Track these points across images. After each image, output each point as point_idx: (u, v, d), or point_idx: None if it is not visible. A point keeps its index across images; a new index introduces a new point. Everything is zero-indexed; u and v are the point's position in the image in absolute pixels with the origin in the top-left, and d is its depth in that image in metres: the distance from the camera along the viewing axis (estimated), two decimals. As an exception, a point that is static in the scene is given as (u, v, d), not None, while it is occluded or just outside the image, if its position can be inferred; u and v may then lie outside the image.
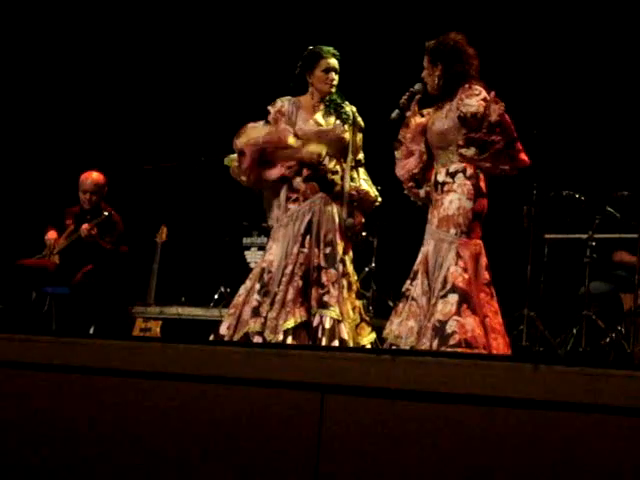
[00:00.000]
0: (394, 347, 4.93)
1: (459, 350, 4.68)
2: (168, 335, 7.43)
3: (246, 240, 8.08)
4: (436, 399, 3.13)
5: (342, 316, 5.30)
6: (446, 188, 5.00)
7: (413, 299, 4.97)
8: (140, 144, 8.90)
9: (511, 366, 3.11)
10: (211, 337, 5.45)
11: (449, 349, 4.69)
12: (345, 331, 5.26)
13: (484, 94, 4.91)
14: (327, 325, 5.25)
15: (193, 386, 3.53)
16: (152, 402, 3.58)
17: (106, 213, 7.21)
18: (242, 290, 5.46)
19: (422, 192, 5.16)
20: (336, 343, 5.20)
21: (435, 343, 4.76)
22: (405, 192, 5.25)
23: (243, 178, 5.55)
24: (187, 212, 8.63)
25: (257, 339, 5.27)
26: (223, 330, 5.39)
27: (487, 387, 3.08)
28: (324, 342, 5.19)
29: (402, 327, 4.94)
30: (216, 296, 7.94)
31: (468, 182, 4.95)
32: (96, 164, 7.69)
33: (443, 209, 4.97)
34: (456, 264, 4.88)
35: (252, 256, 7.84)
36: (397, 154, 5.18)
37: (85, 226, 7.18)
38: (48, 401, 3.72)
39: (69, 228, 7.40)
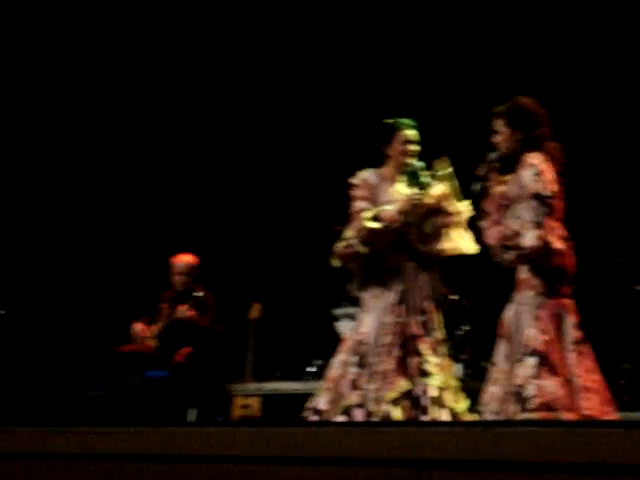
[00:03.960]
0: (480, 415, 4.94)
1: (540, 414, 4.67)
2: (268, 411, 7.51)
3: (337, 311, 8.08)
4: (530, 469, 3.16)
5: (446, 384, 5.33)
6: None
7: (495, 364, 5.00)
8: (229, 221, 9.08)
9: (601, 432, 3.15)
10: (308, 412, 5.46)
11: (529, 413, 4.69)
12: (451, 399, 5.28)
13: (538, 168, 4.96)
14: (434, 393, 5.26)
15: (290, 469, 3.61)
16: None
17: (200, 294, 7.31)
18: (336, 363, 5.48)
19: (511, 255, 5.08)
20: (445, 412, 5.22)
21: (515, 408, 4.77)
22: (496, 259, 5.14)
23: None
24: (277, 287, 8.73)
25: (357, 412, 5.28)
26: (323, 405, 5.40)
27: (578, 454, 3.10)
28: (431, 411, 5.20)
29: (486, 393, 4.96)
30: (310, 369, 8.04)
31: (558, 241, 4.95)
32: (186, 244, 7.85)
33: (527, 269, 4.97)
34: (533, 326, 4.88)
35: (343, 327, 7.75)
36: (483, 224, 5.17)
37: (181, 307, 7.16)
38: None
39: (165, 312, 7.47)
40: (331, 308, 8.10)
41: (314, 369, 8.00)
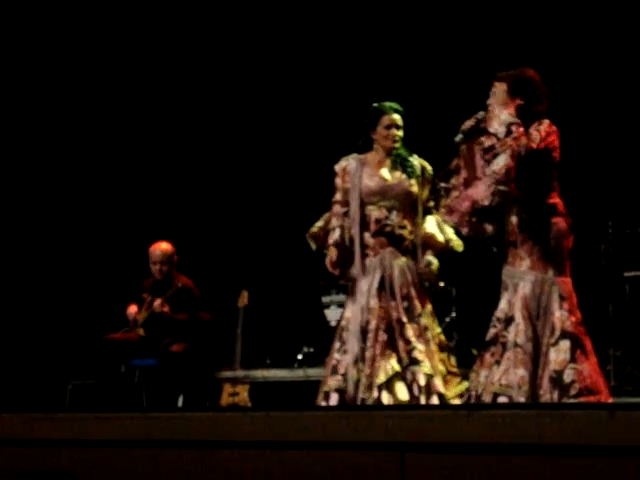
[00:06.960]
0: (503, 397, 4.69)
1: (582, 399, 4.56)
2: (256, 398, 7.50)
3: (325, 299, 8.07)
4: (511, 451, 3.18)
5: (434, 370, 5.30)
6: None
7: (518, 346, 4.72)
8: (217, 210, 9.07)
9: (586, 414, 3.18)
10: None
11: (572, 399, 4.56)
12: (440, 384, 5.25)
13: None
14: (422, 382, 5.24)
15: (279, 453, 3.64)
16: (241, 471, 3.69)
17: (179, 285, 7.21)
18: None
19: (490, 227, 4.93)
20: (435, 398, 5.19)
21: (555, 395, 4.61)
22: (463, 229, 4.95)
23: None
24: (265, 275, 8.72)
25: (334, 396, 5.31)
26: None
27: (562, 437, 3.12)
28: (422, 399, 5.18)
29: (511, 376, 4.69)
30: (300, 356, 8.06)
31: (562, 219, 4.84)
32: (173, 232, 7.81)
33: (538, 249, 4.78)
34: (561, 307, 4.71)
35: (332, 314, 7.80)
36: (454, 180, 4.96)
37: (157, 303, 7.17)
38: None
39: (147, 300, 7.41)
40: (320, 296, 8.10)
41: (301, 357, 8.05)
